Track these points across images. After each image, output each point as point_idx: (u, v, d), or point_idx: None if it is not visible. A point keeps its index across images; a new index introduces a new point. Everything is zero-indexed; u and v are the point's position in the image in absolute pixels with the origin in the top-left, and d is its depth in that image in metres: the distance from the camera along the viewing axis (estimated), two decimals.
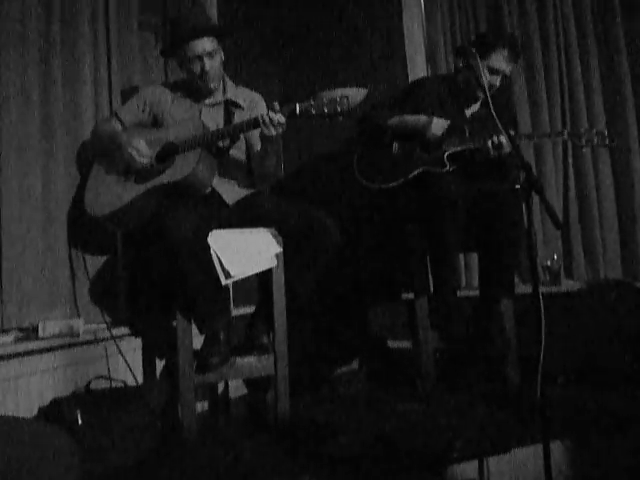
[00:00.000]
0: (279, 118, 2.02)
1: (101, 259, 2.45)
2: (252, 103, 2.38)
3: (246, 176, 2.34)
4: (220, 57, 2.28)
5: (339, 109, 1.97)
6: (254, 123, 2.06)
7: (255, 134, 2.19)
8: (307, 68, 3.58)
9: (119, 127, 2.34)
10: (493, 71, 2.43)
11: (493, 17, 3.23)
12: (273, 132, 2.05)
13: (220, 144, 2.09)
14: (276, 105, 2.04)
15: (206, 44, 2.21)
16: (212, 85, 2.29)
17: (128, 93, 2.55)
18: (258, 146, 2.21)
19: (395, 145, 2.54)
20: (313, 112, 1.99)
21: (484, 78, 2.39)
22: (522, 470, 1.77)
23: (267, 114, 2.03)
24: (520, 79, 3.14)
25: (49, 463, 1.19)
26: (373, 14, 3.45)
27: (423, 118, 2.47)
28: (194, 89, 2.32)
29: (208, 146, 2.14)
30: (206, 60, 2.22)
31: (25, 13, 2.25)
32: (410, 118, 2.50)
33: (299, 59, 3.64)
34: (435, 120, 2.44)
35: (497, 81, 2.46)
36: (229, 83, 2.40)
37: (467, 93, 2.57)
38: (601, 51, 3.10)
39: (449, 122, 2.44)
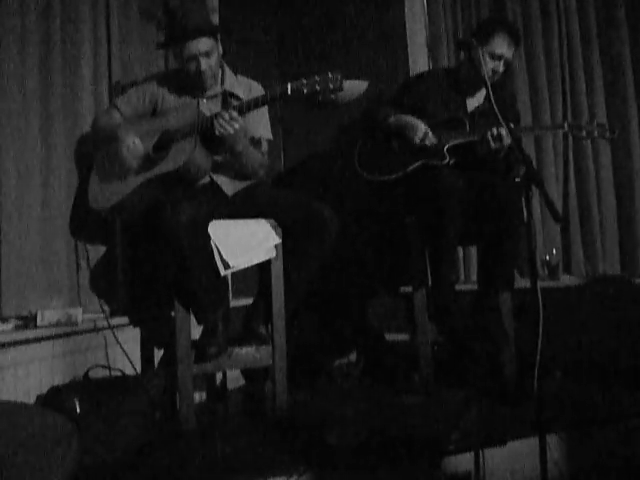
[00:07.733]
0: (231, 116, 2.03)
1: (100, 249, 2.45)
2: (250, 93, 2.34)
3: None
4: (217, 54, 2.25)
5: (331, 86, 1.93)
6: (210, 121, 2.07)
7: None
8: (307, 61, 3.56)
9: (118, 117, 2.33)
10: (495, 56, 2.41)
11: (495, 9, 3.21)
12: (230, 130, 2.04)
13: (217, 132, 2.06)
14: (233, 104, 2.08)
15: (202, 45, 2.17)
16: (208, 84, 2.27)
17: (127, 86, 2.53)
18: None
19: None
20: (305, 91, 1.96)
21: (486, 65, 2.40)
22: (518, 463, 1.78)
23: (221, 113, 2.04)
24: (521, 72, 3.13)
25: (47, 446, 1.20)
26: (374, 7, 3.43)
27: (412, 122, 2.44)
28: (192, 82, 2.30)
29: (203, 133, 2.11)
30: (202, 60, 2.18)
31: (24, 3, 2.23)
32: (405, 119, 2.48)
33: (299, 52, 3.62)
34: (423, 130, 2.40)
35: (500, 67, 2.44)
36: (228, 73, 2.37)
37: (469, 86, 2.56)
38: (603, 44, 3.08)
39: (435, 141, 2.41)
